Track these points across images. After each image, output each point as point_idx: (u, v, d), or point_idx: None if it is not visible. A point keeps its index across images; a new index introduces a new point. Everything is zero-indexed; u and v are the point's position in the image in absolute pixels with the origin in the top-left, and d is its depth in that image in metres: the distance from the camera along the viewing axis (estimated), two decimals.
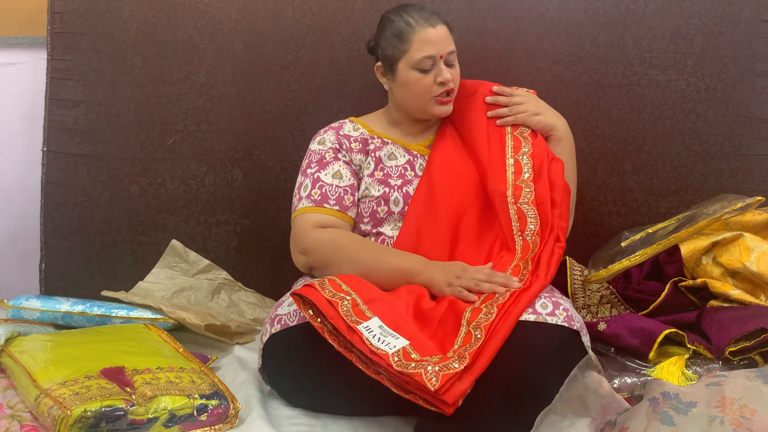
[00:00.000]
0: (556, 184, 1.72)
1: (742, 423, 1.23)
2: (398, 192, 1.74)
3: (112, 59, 2.09)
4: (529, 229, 1.66)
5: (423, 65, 1.71)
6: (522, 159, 1.75)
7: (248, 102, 2.10)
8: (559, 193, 1.71)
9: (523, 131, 1.80)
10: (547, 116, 1.82)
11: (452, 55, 1.74)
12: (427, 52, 1.70)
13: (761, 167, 2.10)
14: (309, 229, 1.68)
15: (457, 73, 1.76)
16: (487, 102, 1.84)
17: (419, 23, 1.72)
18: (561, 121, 1.84)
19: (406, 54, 1.72)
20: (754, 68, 2.09)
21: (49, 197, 2.09)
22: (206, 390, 1.43)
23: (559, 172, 1.74)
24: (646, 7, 2.08)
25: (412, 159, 1.79)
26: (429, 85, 1.73)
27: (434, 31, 1.71)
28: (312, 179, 1.74)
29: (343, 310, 1.40)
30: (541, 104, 1.84)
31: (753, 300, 1.74)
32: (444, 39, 1.73)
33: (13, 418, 1.40)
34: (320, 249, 1.66)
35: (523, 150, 1.76)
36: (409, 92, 1.76)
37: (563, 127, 1.84)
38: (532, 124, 1.81)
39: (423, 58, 1.71)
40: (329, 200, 1.71)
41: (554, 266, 1.61)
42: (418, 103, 1.76)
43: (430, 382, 1.28)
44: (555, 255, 1.63)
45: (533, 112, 1.81)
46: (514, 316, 1.43)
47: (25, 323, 1.75)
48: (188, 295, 2.02)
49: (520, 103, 1.82)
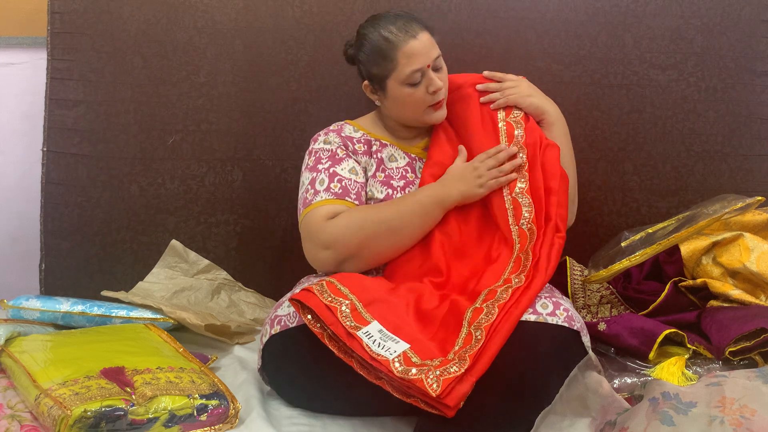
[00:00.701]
0: (552, 171, 1.69)
1: (742, 423, 1.23)
2: (401, 194, 1.72)
3: (112, 59, 2.09)
4: (524, 217, 1.64)
5: (413, 80, 1.67)
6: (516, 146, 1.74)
7: (248, 102, 2.10)
8: (555, 181, 1.68)
9: (516, 115, 1.77)
10: (539, 99, 1.80)
11: (439, 59, 1.69)
12: (416, 65, 1.65)
13: (761, 167, 2.10)
14: (323, 222, 1.60)
15: (445, 74, 1.73)
16: (478, 89, 1.81)
17: (399, 37, 1.65)
18: (552, 105, 1.82)
19: (394, 72, 1.67)
20: (754, 68, 2.09)
21: (49, 197, 2.09)
22: (206, 390, 1.43)
23: (555, 158, 1.71)
24: (646, 7, 2.08)
25: (412, 161, 1.79)
26: (422, 97, 1.70)
27: (417, 43, 1.65)
28: (328, 174, 1.67)
29: (342, 315, 1.40)
30: (532, 88, 1.82)
31: (753, 300, 1.74)
32: (429, 47, 1.67)
33: (13, 418, 1.40)
34: (344, 237, 1.59)
35: (516, 136, 1.74)
36: (403, 107, 1.73)
37: (554, 112, 1.81)
38: (524, 105, 1.78)
39: (412, 73, 1.66)
40: (350, 194, 1.66)
41: (555, 258, 1.60)
42: (413, 115, 1.74)
43: (431, 387, 1.28)
44: (555, 246, 1.61)
45: (525, 94, 1.79)
46: (515, 317, 1.43)
47: (25, 323, 1.75)
48: (188, 295, 2.02)
49: (512, 87, 1.80)
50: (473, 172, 1.68)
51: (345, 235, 1.59)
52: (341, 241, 1.59)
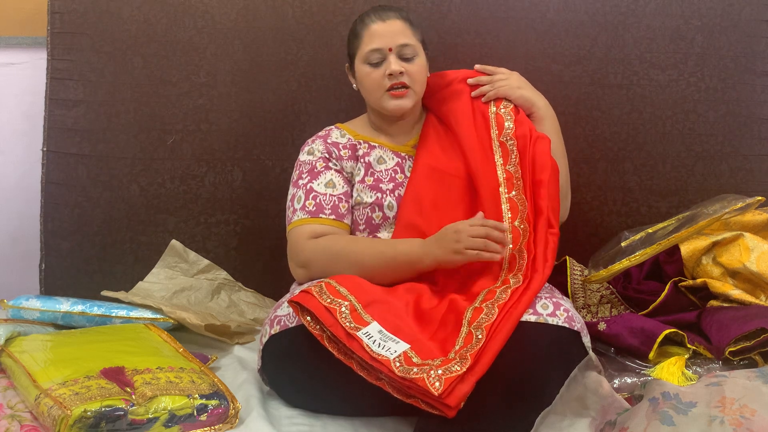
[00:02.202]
0: (543, 163, 1.69)
1: (742, 423, 1.23)
2: (391, 196, 1.73)
3: (112, 59, 2.09)
4: (519, 218, 1.64)
5: (371, 58, 1.72)
6: (507, 142, 1.73)
7: (248, 102, 2.10)
8: (546, 173, 1.68)
9: (506, 105, 1.78)
10: (529, 92, 1.82)
11: (407, 48, 1.72)
12: (374, 44, 1.71)
13: (761, 167, 2.10)
14: (304, 241, 1.66)
15: (418, 68, 1.73)
16: (469, 84, 1.83)
17: (371, 18, 1.74)
18: (543, 100, 1.83)
19: (359, 50, 1.74)
20: (754, 68, 2.09)
21: (49, 197, 2.09)
22: (206, 390, 1.43)
23: (546, 150, 1.71)
24: (646, 7, 2.08)
25: (401, 161, 1.78)
26: (379, 79, 1.72)
27: (383, 25, 1.72)
28: (305, 190, 1.72)
29: (342, 317, 1.40)
30: (522, 80, 1.84)
31: (753, 300, 1.74)
32: (394, 32, 1.72)
33: (13, 418, 1.40)
34: (318, 260, 1.63)
35: (506, 127, 1.74)
36: (364, 88, 1.77)
37: (545, 106, 1.83)
38: (514, 97, 1.80)
39: (371, 51, 1.71)
40: (324, 210, 1.69)
41: (551, 256, 1.59)
42: (373, 98, 1.76)
43: (433, 386, 1.27)
44: (550, 244, 1.61)
45: (516, 86, 1.81)
46: (515, 317, 1.43)
47: (25, 323, 1.75)
48: (188, 295, 2.02)
49: (502, 79, 1.82)
50: (453, 236, 1.53)
51: (320, 260, 1.64)
52: (315, 263, 1.64)
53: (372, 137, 1.81)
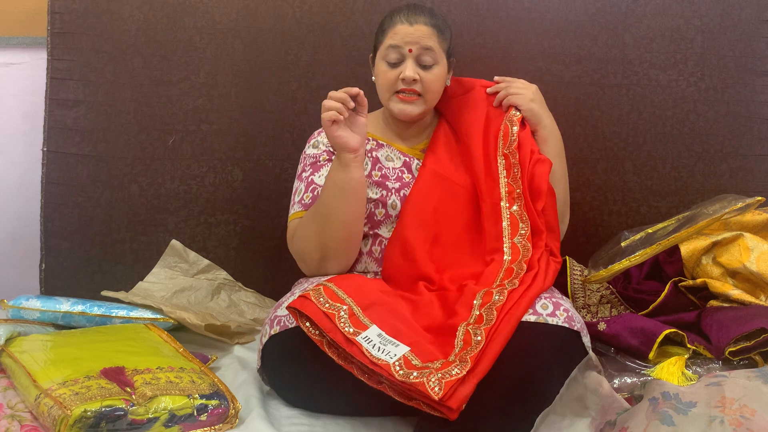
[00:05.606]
0: (540, 188, 1.68)
1: (742, 423, 1.23)
2: (396, 195, 1.72)
3: (112, 59, 2.09)
4: (519, 234, 1.64)
5: (389, 56, 1.70)
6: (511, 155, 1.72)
7: (248, 102, 2.10)
8: (542, 201, 1.68)
9: (515, 114, 1.76)
10: (540, 108, 1.80)
11: (427, 55, 1.69)
12: (394, 42, 1.69)
13: (761, 167, 2.10)
14: (291, 238, 1.70)
15: (434, 77, 1.71)
16: (487, 93, 1.82)
17: (400, 18, 1.70)
18: (550, 119, 1.82)
19: (381, 45, 1.73)
20: (754, 68, 2.09)
21: (49, 197, 2.09)
22: (206, 390, 1.43)
23: (545, 174, 1.70)
24: (646, 7, 2.08)
25: (408, 160, 1.78)
26: (392, 80, 1.70)
27: (410, 29, 1.69)
28: (306, 183, 1.72)
29: (340, 322, 1.39)
30: (539, 95, 1.82)
31: (753, 300, 1.74)
32: (418, 35, 1.68)
33: (13, 418, 1.40)
34: (300, 246, 1.66)
35: (512, 138, 1.73)
36: (377, 84, 1.76)
37: (551, 125, 1.81)
38: (524, 108, 1.77)
39: (389, 48, 1.69)
40: None
41: (551, 278, 1.59)
42: (383, 97, 1.75)
43: (433, 391, 1.27)
44: (551, 267, 1.61)
45: (529, 98, 1.79)
46: (516, 318, 1.43)
47: (25, 323, 1.75)
48: (188, 295, 2.02)
49: (519, 88, 1.80)
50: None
51: (300, 244, 1.67)
52: (302, 251, 1.67)
53: (381, 135, 1.81)
